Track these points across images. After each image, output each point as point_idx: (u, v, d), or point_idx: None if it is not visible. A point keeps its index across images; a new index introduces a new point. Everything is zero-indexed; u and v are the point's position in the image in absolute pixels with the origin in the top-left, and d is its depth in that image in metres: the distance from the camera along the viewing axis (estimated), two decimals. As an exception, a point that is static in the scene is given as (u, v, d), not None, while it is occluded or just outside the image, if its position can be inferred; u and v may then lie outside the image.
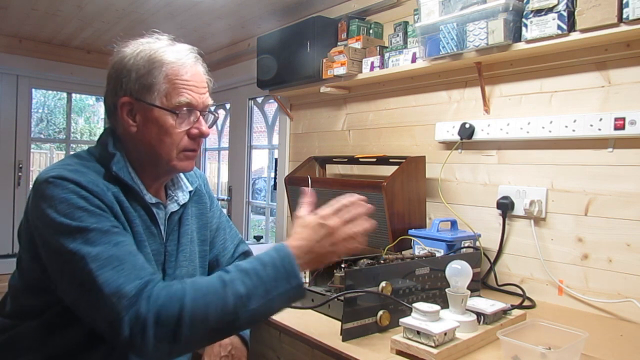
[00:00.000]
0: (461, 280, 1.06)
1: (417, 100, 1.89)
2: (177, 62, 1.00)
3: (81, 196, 0.89)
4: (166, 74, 0.99)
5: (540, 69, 1.50)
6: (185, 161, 1.04)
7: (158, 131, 1.00)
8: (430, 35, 1.60)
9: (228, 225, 1.34)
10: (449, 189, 1.75)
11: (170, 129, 0.99)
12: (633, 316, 1.27)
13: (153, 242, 1.04)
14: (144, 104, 0.99)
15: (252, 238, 3.08)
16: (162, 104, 0.99)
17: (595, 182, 1.37)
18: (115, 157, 1.00)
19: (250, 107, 3.27)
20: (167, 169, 1.04)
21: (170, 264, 1.08)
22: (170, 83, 0.99)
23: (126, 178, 1.00)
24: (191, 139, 1.03)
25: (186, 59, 1.02)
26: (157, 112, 0.99)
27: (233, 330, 0.93)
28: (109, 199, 0.93)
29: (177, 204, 1.12)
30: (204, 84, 1.05)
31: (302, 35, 2.11)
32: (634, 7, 1.15)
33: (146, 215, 1.03)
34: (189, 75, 1.01)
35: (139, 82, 0.99)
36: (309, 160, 2.18)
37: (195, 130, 1.02)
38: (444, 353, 0.94)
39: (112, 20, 2.78)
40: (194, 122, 1.02)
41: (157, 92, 0.99)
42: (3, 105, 3.33)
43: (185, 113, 1.00)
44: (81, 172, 0.93)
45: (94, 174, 0.96)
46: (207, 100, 1.04)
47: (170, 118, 0.99)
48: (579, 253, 1.40)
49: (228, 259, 1.30)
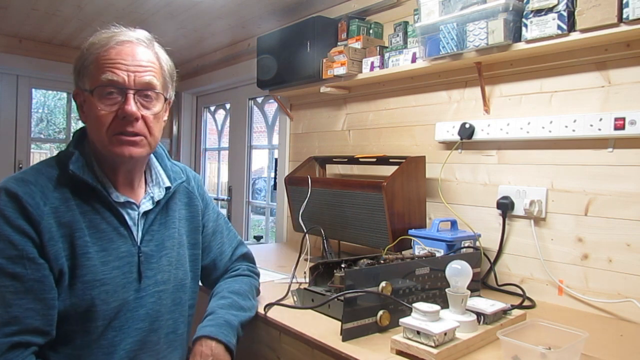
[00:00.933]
0: (461, 280, 1.06)
1: (417, 100, 1.89)
2: (105, 43, 0.97)
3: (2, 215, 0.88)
4: (95, 56, 0.97)
5: (540, 69, 1.50)
6: (120, 146, 0.97)
7: (90, 115, 0.98)
8: (430, 35, 1.60)
9: (226, 228, 1.32)
10: (449, 189, 1.75)
11: (95, 111, 0.96)
12: (633, 316, 1.27)
13: (123, 243, 1.01)
14: (79, 90, 0.99)
15: (252, 238, 3.08)
16: (87, 86, 0.97)
17: (595, 182, 1.37)
18: (74, 156, 0.98)
19: (250, 107, 3.27)
20: (110, 157, 1.00)
21: (149, 265, 1.04)
22: (95, 64, 0.96)
23: (85, 177, 0.97)
24: (120, 120, 0.96)
25: (117, 38, 0.98)
26: (87, 96, 0.97)
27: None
28: (37, 214, 0.90)
29: (152, 202, 1.08)
30: (140, 62, 0.98)
31: (302, 35, 2.11)
32: (634, 7, 1.15)
33: (112, 216, 1.00)
34: (115, 53, 0.96)
35: (76, 70, 0.99)
36: (309, 160, 2.18)
37: (120, 111, 0.95)
38: (444, 353, 0.94)
39: (112, 20, 2.74)
40: (123, 102, 0.96)
41: (87, 76, 0.97)
42: (3, 105, 3.33)
43: (109, 92, 0.95)
44: (25, 181, 0.92)
45: (44, 181, 0.94)
46: (142, 78, 0.98)
47: (94, 99, 0.96)
48: (579, 253, 1.40)
49: (226, 263, 1.28)
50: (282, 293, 1.36)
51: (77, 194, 0.97)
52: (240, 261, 1.32)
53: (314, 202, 1.90)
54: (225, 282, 1.24)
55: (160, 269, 1.07)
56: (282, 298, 1.34)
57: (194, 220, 1.20)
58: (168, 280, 1.08)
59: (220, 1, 2.40)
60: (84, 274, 0.95)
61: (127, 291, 1.00)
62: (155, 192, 1.10)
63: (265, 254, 2.16)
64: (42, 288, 0.90)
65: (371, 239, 1.71)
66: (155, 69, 1.02)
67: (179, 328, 1.12)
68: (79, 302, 0.94)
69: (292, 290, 1.35)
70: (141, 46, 1.01)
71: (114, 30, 1.01)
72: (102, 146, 0.99)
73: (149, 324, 1.04)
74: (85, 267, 0.95)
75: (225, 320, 1.09)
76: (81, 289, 0.94)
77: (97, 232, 0.98)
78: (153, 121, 1.02)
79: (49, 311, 0.91)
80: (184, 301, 1.14)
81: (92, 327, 0.96)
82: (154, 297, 1.05)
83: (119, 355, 0.99)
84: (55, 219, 0.93)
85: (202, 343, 1.03)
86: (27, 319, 0.87)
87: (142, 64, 0.99)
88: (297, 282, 1.47)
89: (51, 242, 0.91)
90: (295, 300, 1.32)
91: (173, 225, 1.12)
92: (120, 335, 0.99)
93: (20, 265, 0.88)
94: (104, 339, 0.98)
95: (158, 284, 1.06)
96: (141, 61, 0.99)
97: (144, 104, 1.00)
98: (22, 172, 0.97)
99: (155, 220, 1.08)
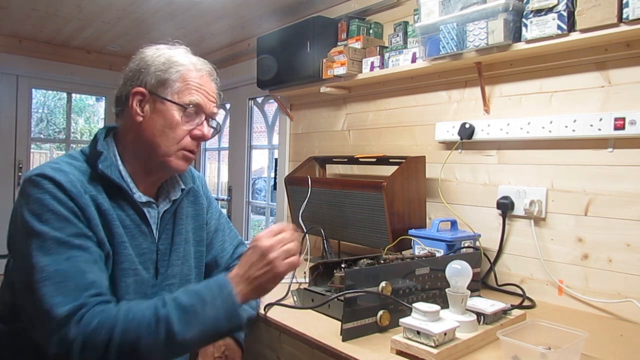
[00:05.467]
0: (461, 280, 1.06)
1: (417, 100, 1.89)
2: (193, 66, 1.07)
3: (54, 197, 0.91)
4: (181, 74, 1.05)
5: (540, 69, 1.50)
6: (181, 160, 1.06)
7: (163, 123, 1.03)
8: (430, 35, 1.60)
9: (228, 226, 1.34)
10: (449, 189, 1.75)
11: (175, 124, 1.03)
12: (633, 316, 1.27)
13: (144, 240, 1.05)
14: (157, 97, 1.04)
15: (252, 238, 3.08)
16: (174, 99, 1.04)
17: (595, 182, 1.37)
18: (103, 155, 1.01)
19: (250, 107, 3.27)
20: (161, 164, 1.05)
21: (162, 262, 1.09)
22: (183, 82, 1.04)
23: (113, 176, 1.00)
24: (192, 139, 1.06)
25: (202, 66, 1.08)
26: (167, 106, 1.03)
27: (168, 358, 0.93)
28: (83, 201, 0.93)
29: (169, 201, 1.13)
30: (214, 94, 1.10)
31: (302, 35, 2.11)
32: (634, 7, 1.16)
33: (136, 214, 1.04)
34: (202, 80, 1.07)
35: (156, 75, 1.04)
36: (309, 160, 2.18)
37: (198, 132, 1.06)
38: (443, 353, 0.94)
39: (112, 20, 2.78)
40: (199, 124, 1.06)
41: (170, 88, 1.04)
42: (3, 105, 3.33)
43: (192, 113, 1.05)
44: (63, 172, 0.94)
45: (77, 173, 0.97)
46: (214, 109, 1.10)
47: (177, 114, 1.03)
48: (579, 253, 1.40)
49: (227, 260, 1.29)
50: (282, 293, 1.36)
51: (104, 191, 1.01)
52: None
53: (314, 202, 1.90)
54: None
55: (171, 263, 1.11)
56: (282, 298, 1.34)
57: (199, 217, 1.23)
58: (176, 275, 1.12)
59: (220, 1, 2.40)
60: (122, 261, 0.99)
61: (147, 286, 1.04)
62: (171, 192, 1.15)
63: (265, 254, 2.15)
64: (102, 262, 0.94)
65: (371, 239, 1.71)
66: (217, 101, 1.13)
67: None
68: (114, 289, 0.97)
69: (292, 290, 1.35)
70: (212, 77, 1.12)
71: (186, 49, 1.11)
72: (163, 155, 1.04)
73: None
74: (123, 254, 0.99)
75: None
76: (119, 276, 0.98)
77: (124, 227, 1.02)
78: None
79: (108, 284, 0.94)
80: None
81: None
82: (164, 290, 1.08)
83: None
84: (96, 207, 0.96)
85: None
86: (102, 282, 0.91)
87: (214, 95, 1.11)
88: (297, 282, 1.47)
89: (97, 227, 0.95)
90: (295, 300, 1.32)
91: (181, 222, 1.16)
92: None
93: (83, 239, 0.92)
94: None
95: (169, 278, 1.10)
96: (213, 91, 1.11)
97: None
98: (54, 162, 0.98)
99: (169, 219, 1.13)
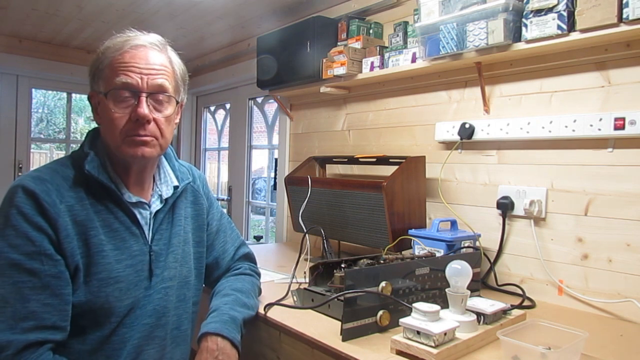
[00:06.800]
0: (461, 280, 1.06)
1: (417, 100, 1.89)
2: (119, 47, 0.99)
3: (20, 212, 0.90)
4: (110, 60, 0.99)
5: (540, 69, 1.50)
6: (133, 147, 1.00)
7: (105, 117, 1.00)
8: (430, 35, 1.60)
9: (229, 227, 1.33)
10: (449, 189, 1.75)
11: (109, 113, 0.99)
12: (633, 316, 1.27)
13: (135, 242, 1.03)
14: (94, 93, 1.02)
15: (252, 238, 3.08)
16: (101, 89, 1.00)
17: (595, 182, 1.37)
18: (89, 156, 1.00)
19: (250, 107, 3.27)
20: (121, 157, 1.02)
21: (158, 264, 1.07)
22: (110, 67, 0.99)
23: (101, 177, 0.99)
24: (133, 122, 0.99)
25: (131, 42, 1.00)
26: (101, 99, 1.00)
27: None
28: (55, 211, 0.92)
29: (161, 201, 1.11)
30: (152, 66, 1.01)
31: (302, 35, 2.11)
32: (634, 7, 1.15)
33: (125, 216, 1.02)
34: (129, 57, 0.99)
35: (91, 72, 1.01)
36: (309, 160, 2.18)
37: (133, 113, 0.98)
38: (443, 353, 0.94)
39: (112, 20, 2.78)
40: (136, 104, 0.98)
41: (101, 79, 1.00)
42: (3, 105, 3.33)
43: (122, 96, 0.98)
44: (42, 180, 0.94)
45: (59, 181, 0.96)
46: (154, 81, 1.00)
47: (110, 102, 0.98)
48: (579, 253, 1.40)
49: (228, 262, 1.29)
50: (282, 293, 1.36)
51: (91, 194, 1.00)
52: (242, 261, 1.33)
53: (314, 202, 1.90)
54: (228, 280, 1.25)
55: (167, 265, 1.09)
56: (282, 298, 1.34)
57: (199, 218, 1.21)
58: (174, 277, 1.10)
59: (220, 1, 2.40)
60: (99, 272, 0.97)
61: (138, 289, 1.03)
62: (163, 190, 1.12)
63: (265, 254, 2.16)
64: (59, 283, 0.92)
65: (371, 239, 1.71)
66: (167, 72, 1.04)
67: (182, 324, 1.14)
68: (94, 299, 0.96)
69: (292, 290, 1.35)
70: (154, 50, 1.03)
71: (128, 34, 1.04)
72: (115, 147, 1.01)
73: (156, 319, 1.06)
74: (100, 264, 0.97)
75: (230, 317, 1.10)
76: (96, 286, 0.96)
77: (111, 231, 1.00)
78: (164, 123, 1.04)
79: (65, 307, 0.92)
80: (187, 298, 1.15)
81: (105, 324, 0.98)
82: (161, 294, 1.07)
83: (127, 350, 1.01)
84: (71, 217, 0.95)
85: (208, 339, 1.04)
86: (44, 314, 0.89)
87: (154, 67, 1.01)
88: (297, 282, 1.47)
89: (67, 239, 0.93)
90: (295, 300, 1.32)
91: (179, 222, 1.14)
92: (130, 331, 1.01)
93: (38, 260, 0.90)
94: (115, 335, 1.00)
95: (165, 280, 1.08)
96: (154, 65, 1.01)
97: (156, 107, 1.02)
98: (37, 171, 0.98)
99: (164, 219, 1.11)
